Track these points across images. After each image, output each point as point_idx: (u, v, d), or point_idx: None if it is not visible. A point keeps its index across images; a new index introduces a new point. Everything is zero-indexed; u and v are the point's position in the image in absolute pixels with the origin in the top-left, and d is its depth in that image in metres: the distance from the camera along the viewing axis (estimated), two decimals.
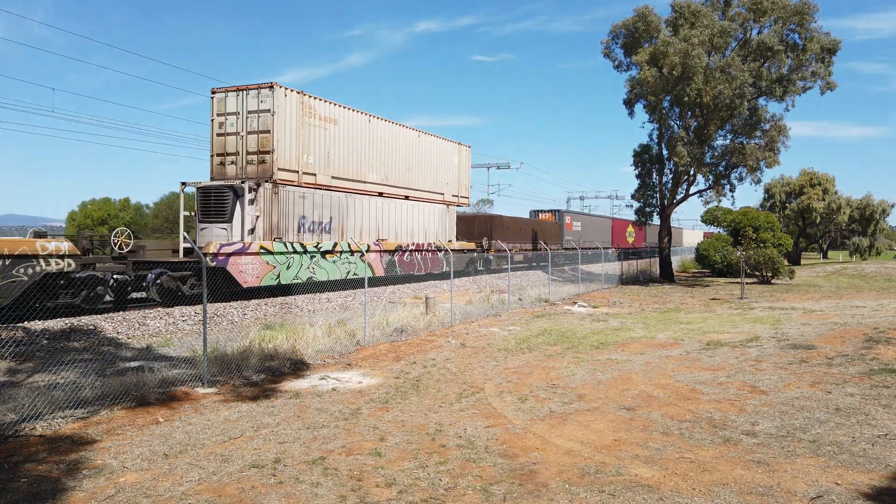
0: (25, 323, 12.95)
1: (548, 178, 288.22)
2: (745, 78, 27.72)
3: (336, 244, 21.44)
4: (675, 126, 31.36)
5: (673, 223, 36.67)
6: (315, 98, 20.74)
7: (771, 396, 8.47)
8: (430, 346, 12.61)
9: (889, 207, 67.31)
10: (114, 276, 15.68)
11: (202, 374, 8.82)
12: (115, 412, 7.39)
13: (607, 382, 9.37)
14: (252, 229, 18.63)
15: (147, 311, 15.16)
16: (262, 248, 18.27)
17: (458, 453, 6.24)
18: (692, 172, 31.93)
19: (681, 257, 48.05)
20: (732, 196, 46.06)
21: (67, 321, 13.38)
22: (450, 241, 29.34)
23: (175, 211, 18.41)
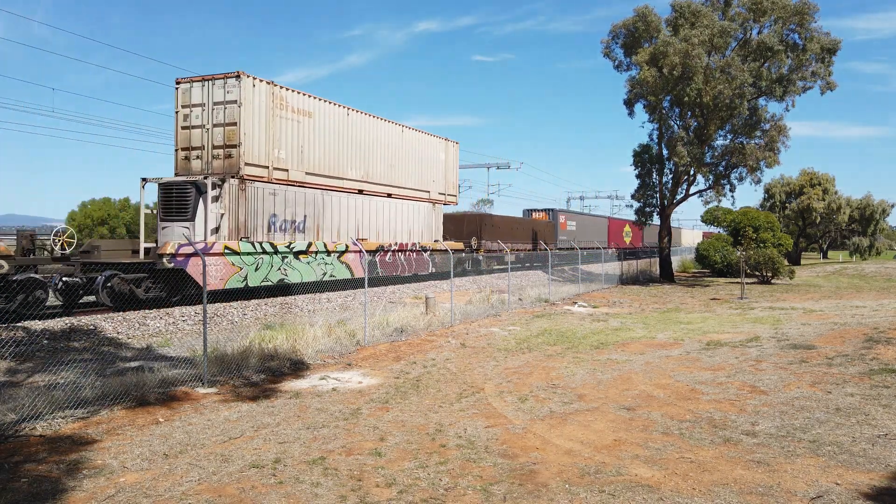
0: (26, 323, 12.96)
1: (548, 178, 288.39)
2: (745, 78, 27.73)
3: (311, 244, 20.29)
4: (675, 126, 31.38)
5: (672, 223, 36.67)
6: (287, 89, 19.58)
7: (771, 396, 8.47)
8: (430, 346, 12.61)
9: (889, 207, 67.35)
10: (62, 279, 14.95)
11: (202, 374, 8.82)
12: (115, 412, 7.40)
13: (607, 382, 9.37)
14: (216, 228, 17.57)
15: (147, 311, 15.16)
16: (226, 248, 17.17)
17: (458, 453, 6.24)
18: (692, 172, 31.94)
19: (681, 257, 48.03)
20: (732, 196, 46.10)
21: (67, 321, 13.38)
22: (436, 241, 28.20)
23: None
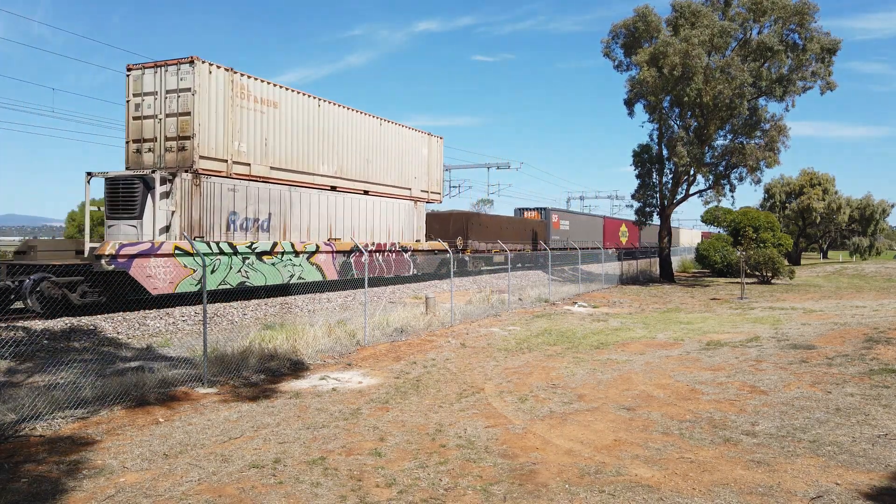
0: (26, 323, 12.96)
1: (548, 178, 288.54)
2: (745, 78, 27.73)
3: (276, 244, 18.93)
4: (675, 126, 31.38)
5: (672, 223, 36.67)
6: (249, 77, 18.28)
7: (771, 396, 8.47)
8: (430, 346, 12.61)
9: (889, 207, 67.40)
10: None
11: (202, 374, 8.82)
12: (115, 412, 7.40)
13: (607, 382, 9.37)
14: (167, 227, 16.27)
15: (147, 311, 15.17)
16: (177, 248, 15.84)
17: (458, 453, 6.24)
18: (692, 172, 31.93)
19: (681, 257, 48.00)
20: (732, 196, 46.17)
21: (68, 321, 13.38)
22: (418, 240, 26.88)
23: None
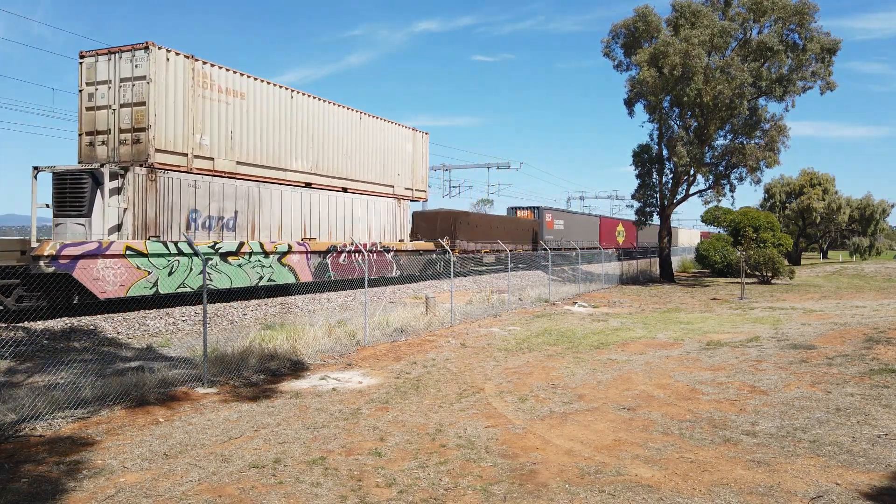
0: (26, 323, 12.96)
1: (548, 178, 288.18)
2: (745, 78, 27.74)
3: (243, 244, 17.79)
4: (675, 126, 31.40)
5: (672, 223, 36.68)
6: (212, 65, 17.15)
7: (771, 396, 8.47)
8: (430, 346, 12.61)
9: (889, 207, 67.44)
10: None
11: (202, 374, 8.82)
12: (115, 412, 7.39)
13: (607, 382, 9.37)
14: (118, 225, 15.24)
15: (147, 311, 15.17)
16: (128, 248, 14.65)
17: (459, 453, 6.24)
18: (692, 172, 31.94)
19: (680, 257, 48.00)
20: (732, 196, 46.25)
21: (68, 321, 13.38)
22: (401, 240, 25.83)
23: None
